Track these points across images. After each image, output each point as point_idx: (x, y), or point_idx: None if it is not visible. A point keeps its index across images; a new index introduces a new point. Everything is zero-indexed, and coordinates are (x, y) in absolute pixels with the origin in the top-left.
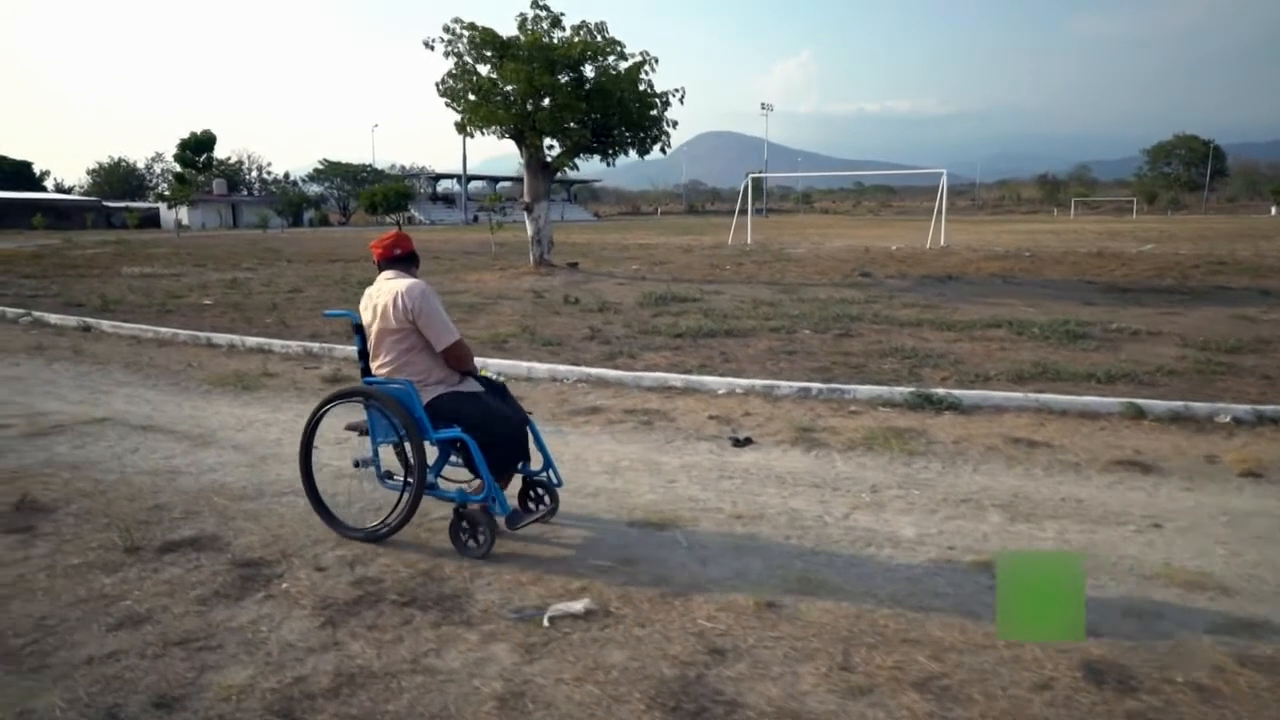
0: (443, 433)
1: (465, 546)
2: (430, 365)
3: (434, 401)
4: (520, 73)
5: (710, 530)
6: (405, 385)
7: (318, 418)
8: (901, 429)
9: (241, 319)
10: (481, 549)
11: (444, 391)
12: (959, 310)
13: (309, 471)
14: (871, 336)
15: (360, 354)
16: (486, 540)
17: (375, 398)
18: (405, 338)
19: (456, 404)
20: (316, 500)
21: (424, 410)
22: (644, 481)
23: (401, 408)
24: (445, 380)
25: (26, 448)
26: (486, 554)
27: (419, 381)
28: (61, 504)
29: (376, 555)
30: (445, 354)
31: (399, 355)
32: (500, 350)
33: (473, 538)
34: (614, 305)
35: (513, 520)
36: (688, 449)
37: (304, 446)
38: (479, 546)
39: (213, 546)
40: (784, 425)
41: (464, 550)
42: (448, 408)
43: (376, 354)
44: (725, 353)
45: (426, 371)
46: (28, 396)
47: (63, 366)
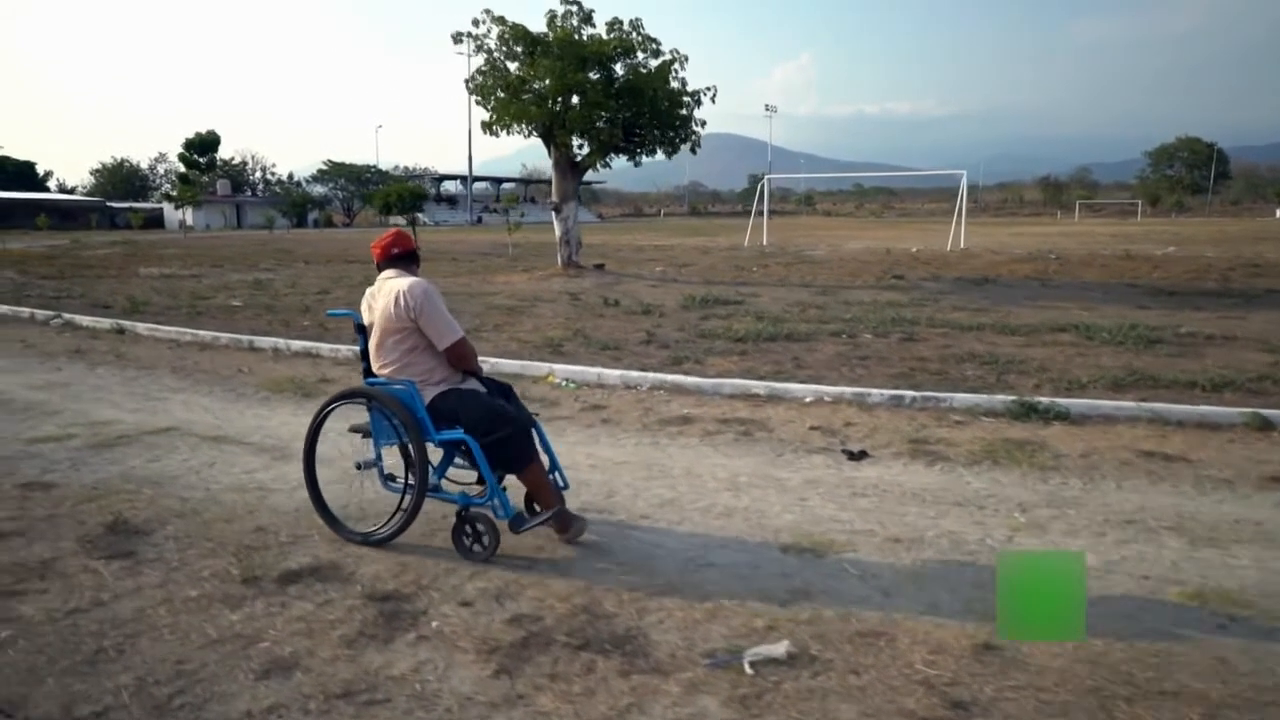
0: (445, 434)
1: (469, 550)
2: (433, 365)
3: (435, 401)
4: (553, 69)
5: (874, 557)
6: (407, 386)
7: (321, 419)
8: (1018, 441)
9: (278, 321)
10: (485, 553)
11: (446, 390)
12: (1012, 314)
13: (312, 473)
14: (936, 341)
15: (362, 354)
16: (490, 544)
17: (377, 399)
18: (407, 337)
19: (459, 404)
20: (319, 503)
21: (426, 411)
22: (773, 500)
23: (403, 408)
24: (448, 380)
25: (97, 460)
26: (489, 558)
27: (421, 381)
28: (155, 525)
29: (522, 587)
30: (448, 353)
31: (401, 355)
32: (559, 355)
33: (476, 541)
34: (656, 308)
35: (516, 523)
36: (802, 462)
37: (308, 448)
38: (483, 550)
39: (336, 576)
40: (892, 436)
41: (467, 554)
42: (450, 408)
43: (378, 354)
44: (797, 358)
45: (429, 371)
46: (80, 403)
47: (107, 371)
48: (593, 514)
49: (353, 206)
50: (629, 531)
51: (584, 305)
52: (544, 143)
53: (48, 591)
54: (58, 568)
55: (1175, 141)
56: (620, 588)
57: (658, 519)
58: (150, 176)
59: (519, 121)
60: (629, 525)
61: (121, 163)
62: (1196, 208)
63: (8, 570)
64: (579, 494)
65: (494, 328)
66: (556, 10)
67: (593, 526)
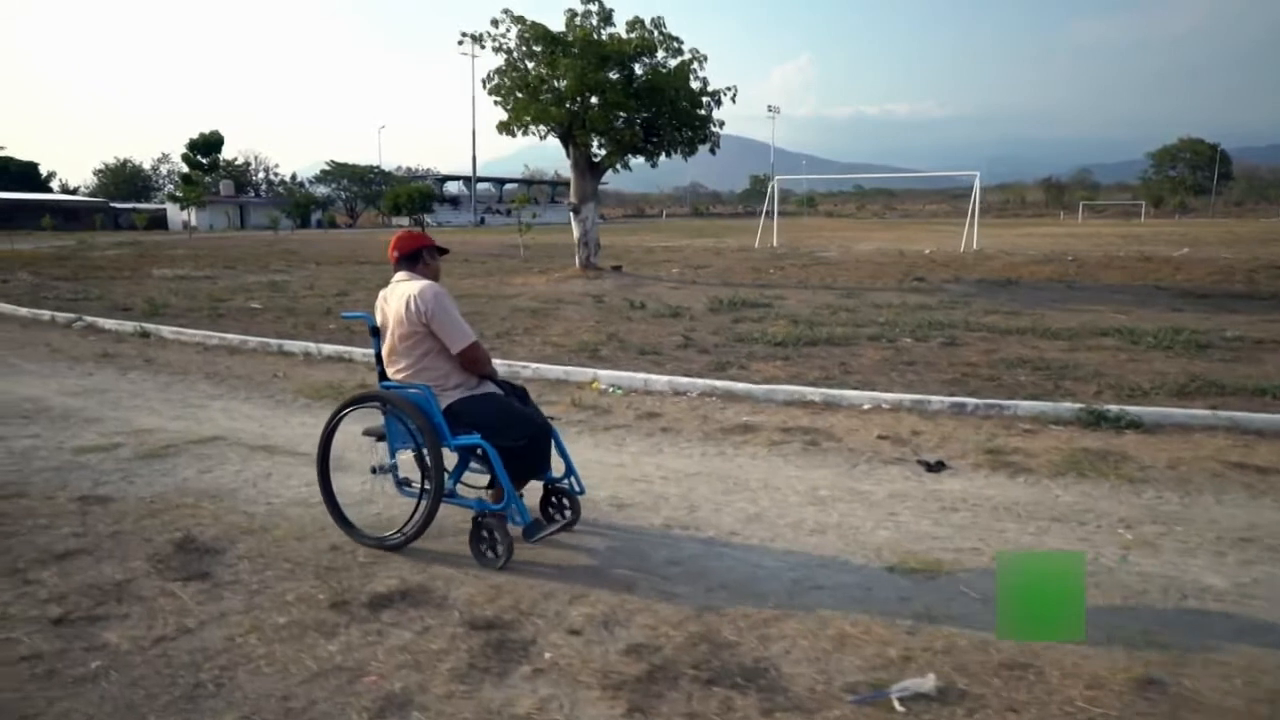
0: (461, 439)
1: (484, 557)
2: (448, 369)
3: (452, 406)
4: (574, 68)
5: (989, 579)
6: (423, 390)
7: (335, 423)
8: (1096, 451)
9: (302, 324)
10: (500, 560)
11: (463, 395)
12: (1046, 317)
13: (326, 478)
14: (979, 346)
15: (377, 357)
16: (505, 551)
17: (392, 402)
18: (420, 341)
19: (475, 408)
20: (334, 508)
21: (442, 415)
22: (862, 515)
23: (419, 413)
24: (464, 384)
25: (148, 472)
26: (505, 565)
27: (437, 386)
28: (225, 544)
29: (629, 613)
30: (460, 357)
31: (416, 359)
32: (597, 360)
33: (491, 548)
34: (684, 310)
35: (530, 531)
36: (879, 474)
37: (321, 452)
38: (497, 558)
39: (428, 601)
40: (964, 446)
41: (483, 561)
42: (467, 412)
43: (392, 358)
44: (844, 364)
45: (444, 376)
46: (119, 410)
47: (139, 376)
48: (678, 530)
49: (356, 207)
50: (722, 550)
51: (609, 308)
52: (562, 143)
53: (129, 617)
54: (133, 590)
55: (1178, 143)
56: (733, 613)
57: (748, 536)
58: (153, 177)
59: (538, 122)
60: (720, 543)
61: (124, 163)
62: (1200, 209)
63: (83, 592)
64: (659, 509)
65: (524, 331)
66: (576, 9)
67: (684, 544)
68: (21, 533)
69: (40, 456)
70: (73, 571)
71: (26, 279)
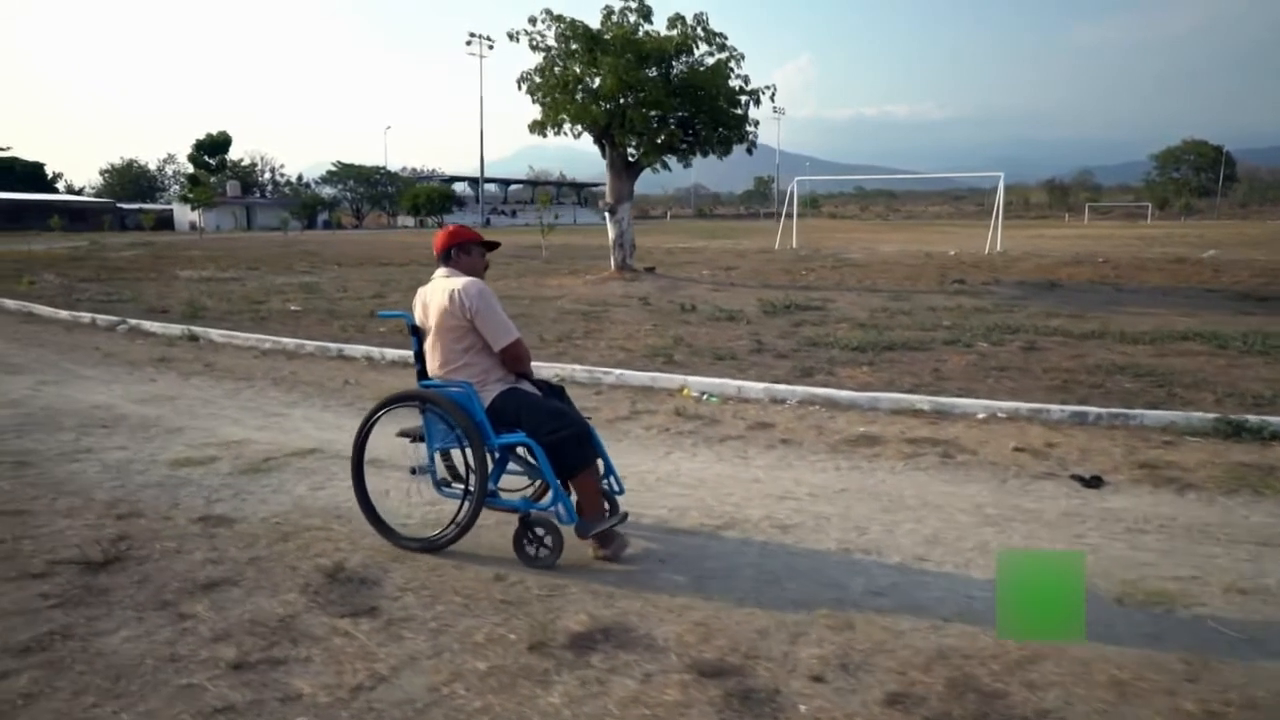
0: (505, 438)
1: (532, 558)
2: (490, 366)
3: (495, 403)
4: (615, 67)
5: (1232, 612)
6: (465, 388)
7: (370, 424)
8: (1257, 465)
9: (351, 327)
10: (548, 559)
11: (503, 390)
12: (1112, 320)
13: (361, 480)
14: (1061, 350)
15: (416, 356)
16: (554, 551)
17: (433, 401)
18: (463, 337)
19: (517, 406)
20: (369, 510)
21: (485, 413)
22: (1046, 537)
23: (461, 411)
24: (503, 380)
25: (258, 488)
26: (553, 565)
27: (478, 383)
28: (378, 572)
29: (866, 655)
30: (504, 354)
31: (458, 356)
32: (673, 365)
33: (539, 547)
34: (738, 313)
35: (582, 529)
36: (1035, 490)
37: (356, 454)
38: (545, 558)
39: (634, 641)
40: (1111, 459)
41: (530, 562)
42: (509, 410)
43: (434, 355)
44: (936, 369)
45: (486, 373)
46: (198, 420)
47: (202, 382)
48: (859, 554)
49: (362, 208)
50: (918, 578)
51: (659, 311)
52: (597, 143)
53: (310, 660)
54: (301, 628)
55: (1182, 144)
56: (977, 652)
57: (939, 560)
58: (158, 178)
59: (576, 121)
60: (912, 569)
61: (130, 164)
62: (1205, 210)
63: (248, 630)
64: (826, 530)
65: (584, 334)
66: (613, 6)
67: (873, 570)
68: (153, 558)
69: (137, 471)
70: (226, 604)
71: (53, 280)
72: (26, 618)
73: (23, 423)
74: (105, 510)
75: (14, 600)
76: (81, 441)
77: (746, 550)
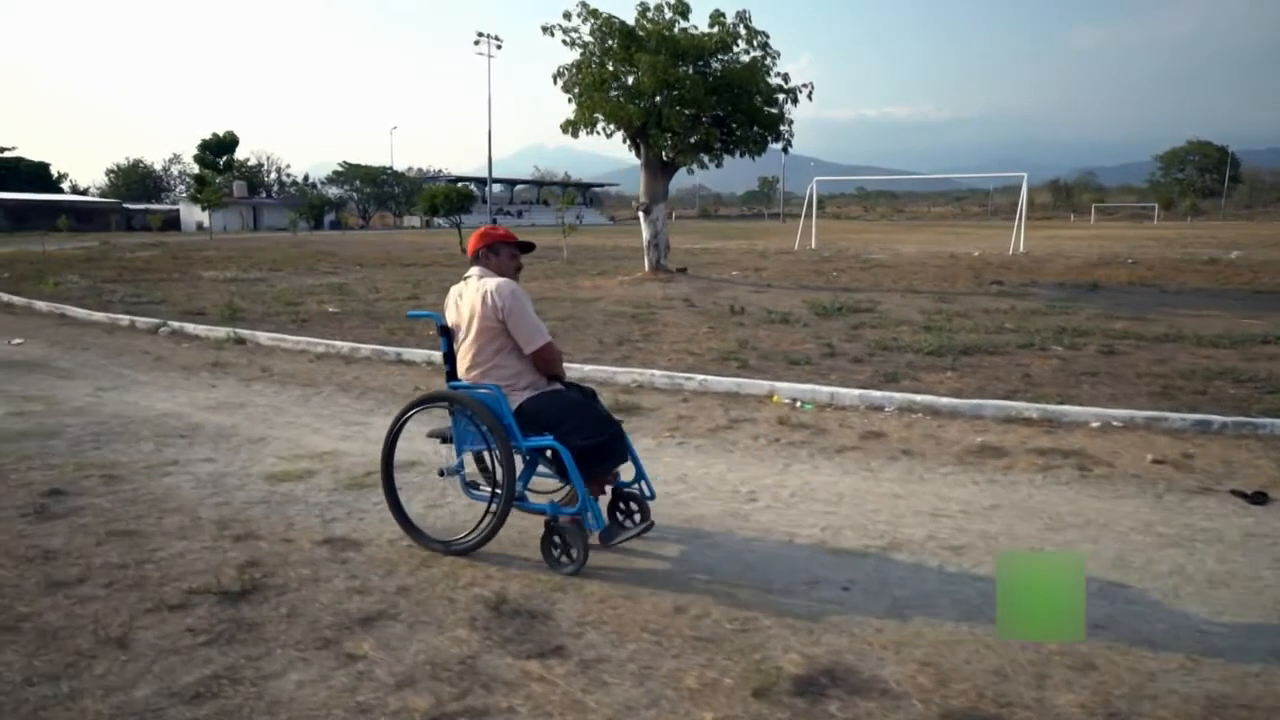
0: (533, 440)
1: (557, 563)
2: (521, 369)
3: (523, 406)
4: (655, 64)
5: None
6: (493, 390)
7: (400, 425)
8: None
9: (399, 329)
10: (574, 565)
11: (533, 395)
12: (1178, 322)
13: (391, 481)
14: (1141, 355)
15: (445, 357)
16: (580, 556)
17: (461, 403)
18: (494, 338)
19: (547, 409)
20: (399, 512)
21: (513, 416)
22: (1244, 564)
23: (490, 413)
24: (533, 384)
25: (370, 507)
26: (579, 571)
27: (508, 386)
28: (543, 603)
29: (1133, 702)
30: (535, 356)
31: (489, 358)
32: (749, 370)
33: (565, 553)
34: (790, 316)
35: (607, 536)
36: (1201, 507)
37: (385, 455)
38: (571, 562)
39: (863, 685)
40: (1264, 473)
41: (556, 566)
42: (537, 413)
43: (465, 356)
44: (1027, 374)
45: (517, 375)
46: (276, 429)
47: (265, 388)
48: None
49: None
50: (1131, 608)
51: (707, 313)
52: (631, 142)
53: (516, 712)
54: (488, 671)
55: (1186, 145)
56: (1252, 701)
57: (1144, 589)
58: (164, 178)
59: (611, 120)
60: (1118, 598)
61: (136, 164)
62: (1210, 211)
63: (430, 674)
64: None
65: (643, 338)
66: (649, 2)
67: None
68: (292, 586)
69: (234, 485)
70: (392, 643)
71: (77, 281)
72: (182, 657)
73: (97, 432)
74: (218, 531)
75: (161, 635)
76: (164, 452)
77: (926, 574)
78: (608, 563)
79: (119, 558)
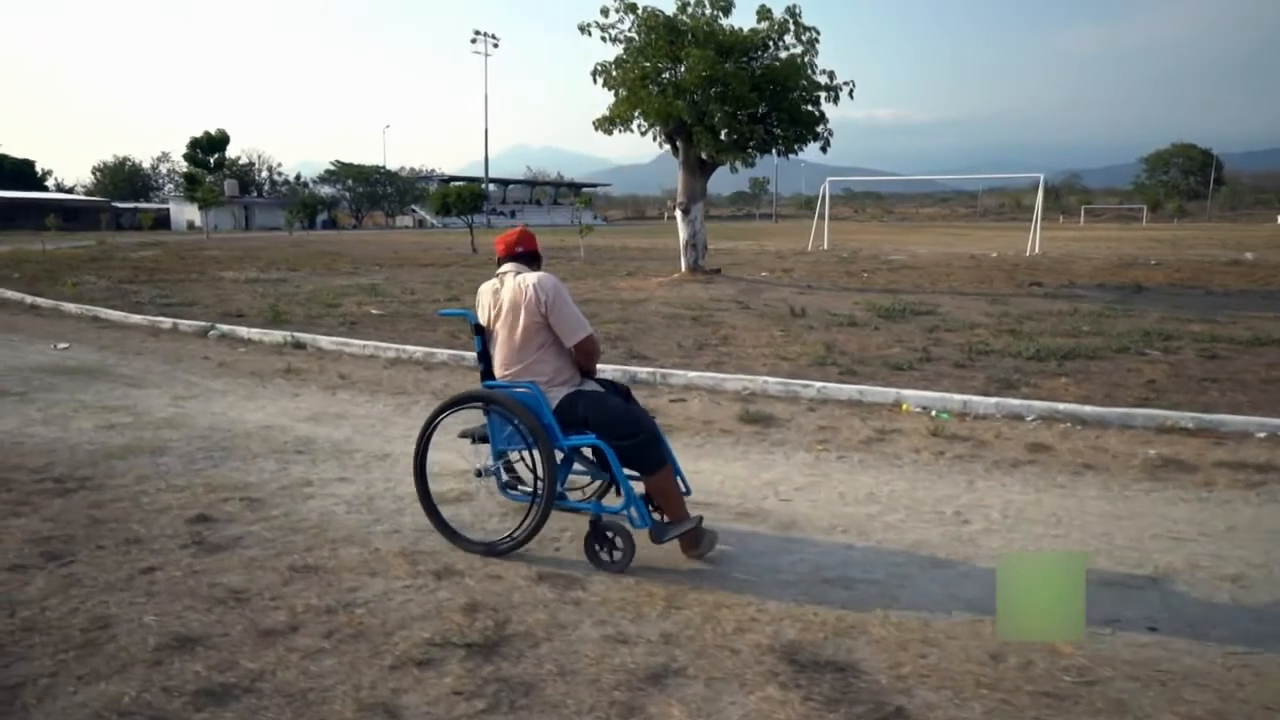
0: (574, 439)
1: (602, 562)
2: (559, 365)
3: (561, 404)
4: (704, 59)
5: None
6: (531, 388)
7: (433, 425)
8: None
9: (465, 334)
10: (620, 564)
11: (570, 392)
12: (1259, 325)
13: (424, 482)
14: (1247, 359)
15: (480, 356)
16: (625, 555)
17: (498, 402)
18: (536, 334)
19: (585, 406)
20: (433, 513)
21: (553, 414)
22: None
23: (528, 412)
24: (570, 381)
25: (564, 537)
26: (624, 569)
27: (545, 383)
28: (842, 653)
29: None
30: (577, 349)
31: (530, 354)
32: (853, 376)
33: (609, 551)
34: (853, 318)
35: (658, 533)
36: None
37: (418, 456)
38: (616, 562)
39: None
40: None
41: (601, 565)
42: (578, 411)
43: (501, 354)
44: (1151, 380)
45: (556, 372)
46: (391, 443)
47: (354, 397)
48: None
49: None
50: None
51: (766, 315)
52: (669, 140)
53: None
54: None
55: (1171, 147)
56: None
57: None
58: (152, 176)
59: (651, 117)
60: None
61: (123, 162)
62: (1196, 213)
63: None
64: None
65: (720, 341)
66: None
67: None
68: (539, 635)
69: (393, 511)
70: (702, 706)
71: (94, 282)
72: None
73: (205, 448)
74: (410, 567)
75: (429, 700)
76: (290, 471)
77: (1227, 609)
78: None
79: (318, 599)
